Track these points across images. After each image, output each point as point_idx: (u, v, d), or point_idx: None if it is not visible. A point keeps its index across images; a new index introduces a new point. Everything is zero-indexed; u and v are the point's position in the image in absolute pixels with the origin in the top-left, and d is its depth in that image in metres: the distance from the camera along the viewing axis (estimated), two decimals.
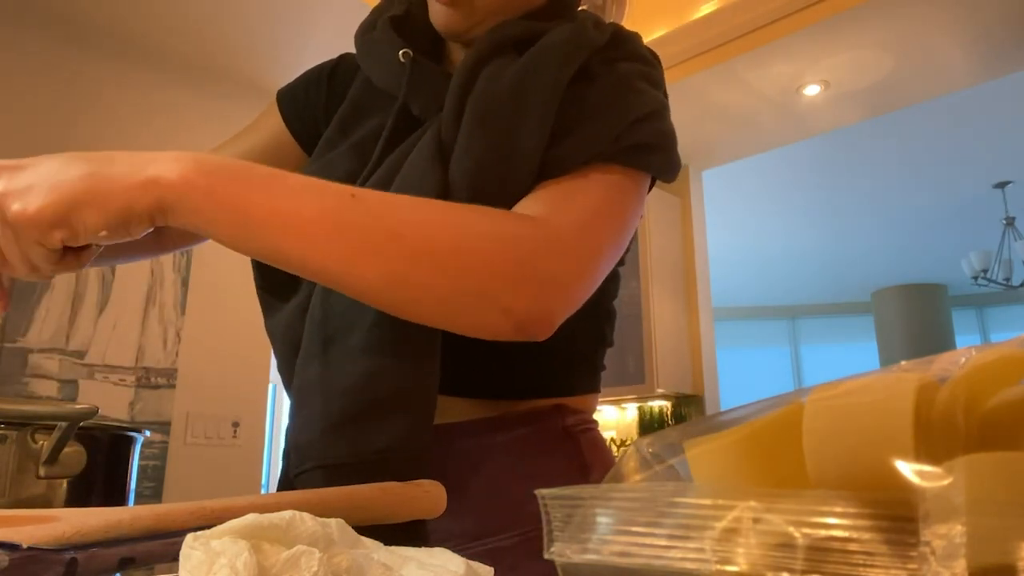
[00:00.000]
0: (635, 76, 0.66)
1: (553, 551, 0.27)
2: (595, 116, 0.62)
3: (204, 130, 2.92)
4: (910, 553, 0.18)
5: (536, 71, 0.62)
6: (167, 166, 0.48)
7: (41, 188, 0.47)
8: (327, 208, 0.50)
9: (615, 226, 0.60)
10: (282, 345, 0.67)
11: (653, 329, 3.47)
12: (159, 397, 2.62)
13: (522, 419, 0.67)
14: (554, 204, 0.58)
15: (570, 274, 0.56)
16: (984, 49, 2.78)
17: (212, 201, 0.48)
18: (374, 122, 0.71)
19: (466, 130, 0.61)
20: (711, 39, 2.90)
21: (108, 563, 0.33)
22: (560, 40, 0.64)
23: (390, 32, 0.71)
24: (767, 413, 0.26)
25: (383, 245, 0.50)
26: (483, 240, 0.52)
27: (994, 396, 0.22)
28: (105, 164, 0.48)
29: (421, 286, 0.51)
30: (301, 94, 0.82)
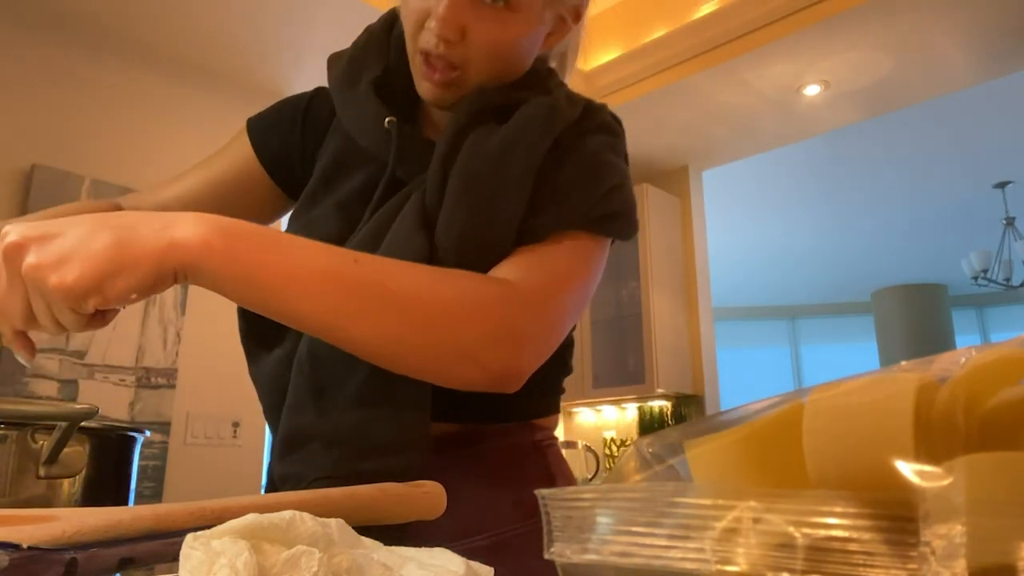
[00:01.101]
0: (604, 149, 0.73)
1: (553, 551, 0.27)
2: (569, 191, 0.69)
3: (203, 129, 2.92)
4: (910, 553, 0.18)
5: (515, 146, 0.68)
6: (188, 230, 0.52)
7: (74, 260, 0.50)
8: (333, 272, 0.56)
9: (580, 288, 0.69)
10: (267, 394, 0.73)
11: (653, 329, 3.47)
12: (159, 397, 2.62)
13: (497, 434, 0.73)
14: (529, 270, 0.65)
15: (539, 335, 0.63)
16: (984, 49, 2.78)
17: (230, 264, 0.53)
18: (357, 178, 0.76)
19: (450, 200, 0.67)
20: (711, 39, 2.90)
21: (108, 563, 0.33)
22: (537, 115, 0.70)
23: (373, 97, 0.76)
24: (767, 413, 0.26)
25: (380, 308, 0.56)
26: (466, 305, 0.59)
27: (994, 396, 0.22)
28: (130, 230, 0.51)
29: (411, 345, 0.58)
30: (273, 127, 0.85)
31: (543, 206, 0.68)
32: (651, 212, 3.61)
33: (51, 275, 0.49)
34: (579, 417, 4.05)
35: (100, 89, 2.70)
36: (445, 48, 0.68)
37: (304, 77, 3.01)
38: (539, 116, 0.70)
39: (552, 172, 0.69)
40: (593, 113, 0.76)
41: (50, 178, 2.50)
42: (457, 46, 0.68)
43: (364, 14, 2.59)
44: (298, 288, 0.54)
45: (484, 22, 0.68)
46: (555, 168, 0.70)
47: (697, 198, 3.84)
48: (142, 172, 2.74)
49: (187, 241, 0.51)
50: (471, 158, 0.68)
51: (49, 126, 2.56)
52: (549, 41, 0.77)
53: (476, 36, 0.68)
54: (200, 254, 0.52)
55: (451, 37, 0.67)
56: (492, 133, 0.69)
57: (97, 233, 0.51)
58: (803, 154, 4.37)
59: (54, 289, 0.49)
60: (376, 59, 0.79)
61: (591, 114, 0.76)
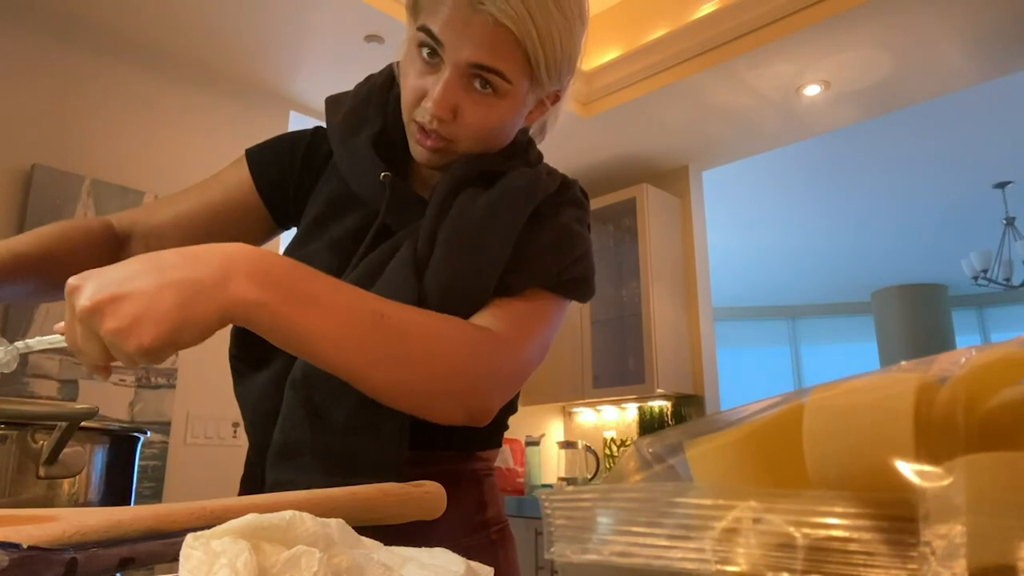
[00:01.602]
0: (574, 220, 0.84)
1: (553, 551, 0.27)
2: (543, 254, 0.79)
3: (203, 129, 2.92)
4: (910, 553, 0.18)
5: (500, 211, 0.78)
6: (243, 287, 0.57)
7: (147, 322, 0.54)
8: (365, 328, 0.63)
9: (544, 341, 0.79)
10: (253, 413, 0.79)
11: (653, 329, 3.47)
12: (159, 397, 2.62)
13: (441, 459, 0.80)
14: (506, 320, 0.75)
15: (511, 381, 0.75)
16: (984, 49, 2.78)
17: (277, 323, 0.59)
18: (349, 221, 0.84)
19: (438, 254, 0.76)
20: (711, 39, 2.90)
21: (108, 563, 0.33)
22: (521, 186, 0.80)
23: (371, 152, 0.83)
24: (767, 413, 0.26)
25: (397, 360, 0.65)
26: (464, 356, 0.69)
27: (994, 396, 0.22)
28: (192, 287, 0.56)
29: (414, 389, 0.67)
30: (273, 159, 0.91)
31: (520, 265, 0.78)
32: (651, 212, 3.61)
33: (130, 340, 0.54)
34: (579, 417, 4.05)
35: (100, 89, 2.70)
36: (438, 125, 0.76)
37: (303, 77, 3.01)
38: (522, 186, 0.80)
39: (530, 236, 0.79)
40: (567, 188, 0.87)
41: (50, 178, 2.50)
42: (449, 124, 0.76)
43: (364, 15, 2.59)
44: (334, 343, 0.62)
45: (475, 106, 0.76)
46: (533, 233, 0.79)
47: (697, 198, 3.84)
48: (142, 172, 2.74)
49: (244, 300, 0.57)
50: (459, 218, 0.77)
51: (49, 126, 2.56)
52: (530, 118, 0.86)
53: (467, 117, 0.76)
54: (255, 313, 0.58)
55: (444, 117, 0.75)
56: (479, 197, 0.78)
57: (164, 292, 0.55)
58: (803, 154, 4.37)
59: (135, 351, 0.54)
60: (376, 115, 0.86)
61: (565, 188, 0.87)
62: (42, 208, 2.47)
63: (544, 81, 0.78)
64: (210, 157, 2.86)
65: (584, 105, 3.30)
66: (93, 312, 0.54)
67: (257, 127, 3.01)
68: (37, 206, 2.46)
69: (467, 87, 0.75)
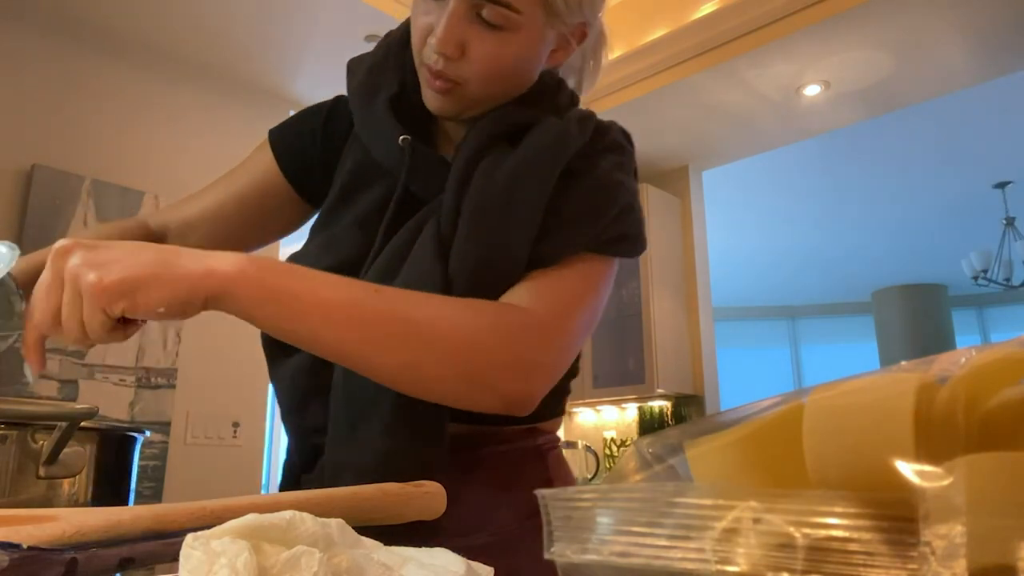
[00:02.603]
0: (613, 169, 0.75)
1: (553, 551, 0.27)
2: (579, 216, 0.71)
3: (204, 129, 2.92)
4: (910, 553, 0.18)
5: (525, 178, 0.70)
6: (225, 260, 0.56)
7: (116, 265, 0.53)
8: (356, 302, 0.59)
9: (590, 312, 0.71)
10: (285, 395, 0.75)
11: (653, 329, 3.47)
12: (159, 397, 2.62)
13: (500, 438, 0.75)
14: (541, 297, 0.68)
15: (552, 363, 0.67)
16: (984, 49, 2.78)
17: (260, 292, 0.57)
18: (375, 192, 0.78)
19: (462, 233, 0.69)
20: (711, 39, 2.90)
21: (108, 563, 0.33)
22: (548, 143, 0.72)
23: (389, 114, 0.77)
24: (767, 413, 0.26)
25: (402, 338, 0.60)
26: (484, 335, 0.62)
27: (994, 396, 0.22)
28: (173, 254, 0.56)
29: (430, 373, 0.62)
30: (295, 138, 0.86)
31: (554, 232, 0.70)
32: (651, 212, 3.60)
33: (90, 273, 0.53)
34: (579, 417, 4.05)
35: (100, 89, 2.70)
36: (445, 64, 0.70)
37: (304, 77, 3.01)
38: (548, 144, 0.72)
39: (562, 198, 0.71)
40: (603, 133, 0.78)
41: (50, 178, 2.50)
42: (457, 62, 0.70)
43: (365, 14, 2.59)
44: (322, 316, 0.58)
45: (482, 41, 0.70)
46: (565, 193, 0.71)
47: (697, 198, 3.84)
48: (142, 172, 2.74)
49: (223, 269, 0.56)
50: (482, 189, 0.70)
51: (49, 126, 2.56)
52: (555, 57, 0.78)
53: (475, 53, 0.70)
54: (233, 281, 0.55)
55: (450, 54, 0.69)
56: (503, 161, 0.71)
57: (144, 250, 0.55)
58: (803, 154, 4.37)
59: (90, 285, 0.52)
60: (394, 74, 0.80)
61: (601, 134, 0.77)
62: (42, 208, 2.47)
63: (561, 10, 0.71)
64: (210, 157, 2.86)
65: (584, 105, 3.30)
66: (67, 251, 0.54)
67: (257, 127, 3.01)
68: (37, 206, 2.46)
69: (473, 20, 0.69)
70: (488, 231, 0.69)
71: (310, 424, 0.73)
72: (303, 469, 0.75)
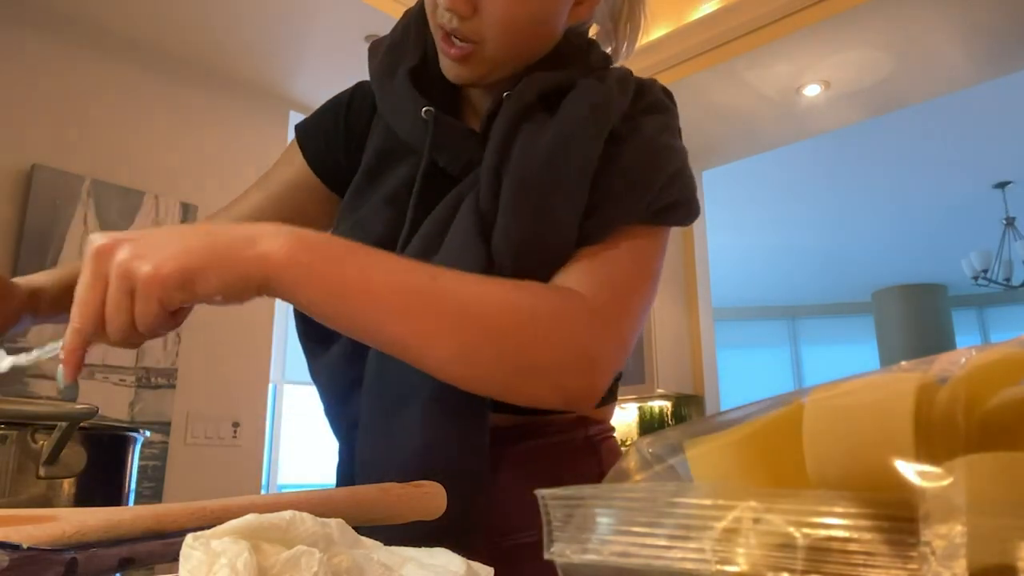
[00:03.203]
0: (660, 131, 0.70)
1: (553, 551, 0.27)
2: (628, 185, 0.66)
3: (204, 129, 2.92)
4: (910, 553, 0.18)
5: (568, 146, 0.65)
6: (276, 242, 0.53)
7: (169, 252, 0.50)
8: (413, 290, 0.55)
9: (648, 292, 0.66)
10: (327, 390, 0.72)
11: (653, 329, 3.47)
12: (159, 397, 2.62)
13: (549, 429, 0.71)
14: (598, 281, 0.63)
15: (615, 356, 0.62)
16: (984, 49, 2.78)
17: (312, 279, 0.53)
18: (402, 171, 0.74)
19: (505, 207, 0.64)
20: (711, 39, 2.90)
21: (108, 563, 0.33)
22: (590, 108, 0.67)
23: (410, 87, 0.73)
24: (767, 413, 0.26)
25: (458, 327, 0.56)
26: (543, 324, 0.58)
27: (994, 396, 0.22)
28: (223, 236, 0.53)
29: (486, 363, 0.57)
30: (321, 133, 0.83)
31: (602, 204, 0.65)
32: None
33: (145, 265, 0.49)
34: None
35: (100, 89, 2.70)
36: (459, 23, 0.66)
37: (304, 77, 3.00)
38: (591, 109, 0.67)
39: (609, 166, 0.66)
40: (644, 92, 0.73)
41: (50, 178, 2.50)
42: (471, 20, 0.66)
43: (364, 14, 2.59)
44: (378, 305, 0.55)
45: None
46: (611, 161, 0.67)
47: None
48: (142, 172, 2.74)
49: (275, 254, 0.52)
50: (523, 161, 0.65)
51: (49, 126, 2.56)
52: (577, 12, 0.72)
53: (489, 10, 0.65)
54: (286, 268, 0.52)
55: (462, 11, 0.65)
56: (543, 130, 0.67)
57: (191, 235, 0.52)
58: (803, 154, 4.37)
59: (147, 277, 0.49)
60: (414, 47, 0.76)
61: (642, 94, 0.73)
62: (42, 208, 2.47)
63: None
64: (210, 157, 2.86)
65: None
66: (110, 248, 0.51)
67: (257, 127, 3.01)
68: (37, 206, 2.46)
69: None
70: (533, 206, 0.64)
71: (353, 417, 0.69)
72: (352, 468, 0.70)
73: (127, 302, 0.50)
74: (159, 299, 0.50)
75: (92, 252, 0.51)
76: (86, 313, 0.51)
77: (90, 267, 0.51)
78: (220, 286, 0.51)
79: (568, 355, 0.59)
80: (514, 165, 0.66)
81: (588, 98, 0.68)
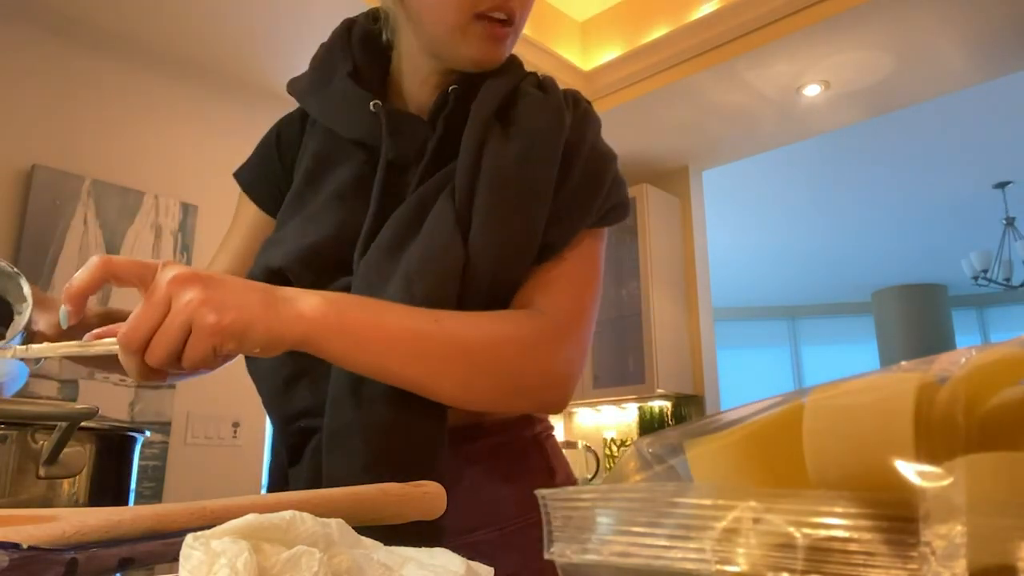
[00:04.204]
0: (598, 138, 0.78)
1: (553, 551, 0.27)
2: (583, 194, 0.74)
3: (203, 129, 2.92)
4: (910, 553, 0.18)
5: (536, 155, 0.72)
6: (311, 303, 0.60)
7: (232, 306, 0.55)
8: (422, 336, 0.63)
9: (596, 290, 0.75)
10: (267, 381, 0.75)
11: (653, 329, 3.47)
12: (159, 397, 2.62)
13: (497, 428, 0.76)
14: (556, 297, 0.71)
15: (578, 363, 0.72)
16: (984, 49, 2.78)
17: (337, 335, 0.60)
18: (345, 170, 0.78)
19: (483, 211, 0.70)
20: (711, 39, 2.90)
21: (108, 563, 0.33)
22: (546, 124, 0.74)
23: (353, 85, 0.78)
24: (767, 413, 0.26)
25: (460, 366, 0.65)
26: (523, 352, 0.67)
27: (994, 396, 0.22)
28: (273, 297, 0.59)
29: (483, 391, 0.67)
30: (261, 175, 0.88)
31: (565, 212, 0.72)
32: (651, 212, 3.60)
33: (211, 313, 0.54)
34: (579, 417, 4.05)
35: (100, 89, 2.70)
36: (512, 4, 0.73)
37: None
38: (547, 124, 0.74)
39: (566, 175, 0.73)
40: (578, 100, 0.80)
41: (50, 178, 2.50)
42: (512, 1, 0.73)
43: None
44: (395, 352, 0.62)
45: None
46: (568, 170, 0.73)
47: (697, 198, 3.84)
48: (142, 172, 2.74)
49: (310, 312, 0.59)
50: (496, 168, 0.71)
51: (49, 126, 2.56)
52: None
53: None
54: (316, 326, 0.59)
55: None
56: (509, 138, 0.73)
57: (252, 291, 0.58)
58: (803, 154, 4.37)
59: (210, 326, 0.54)
60: (342, 61, 0.81)
61: (577, 102, 0.79)
62: (42, 208, 2.47)
63: None
64: (210, 157, 2.86)
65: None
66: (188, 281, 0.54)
67: (257, 126, 3.00)
68: (37, 206, 2.46)
69: None
70: (511, 210, 0.70)
71: (297, 407, 0.73)
72: (290, 462, 0.74)
73: (181, 338, 0.54)
74: (214, 345, 0.55)
75: (171, 280, 0.55)
76: (137, 328, 0.54)
77: (162, 292, 0.54)
78: (263, 341, 0.57)
79: (546, 376, 0.69)
80: (488, 172, 0.71)
81: (544, 110, 0.75)
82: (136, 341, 0.55)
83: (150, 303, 0.54)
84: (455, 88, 0.76)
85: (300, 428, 0.73)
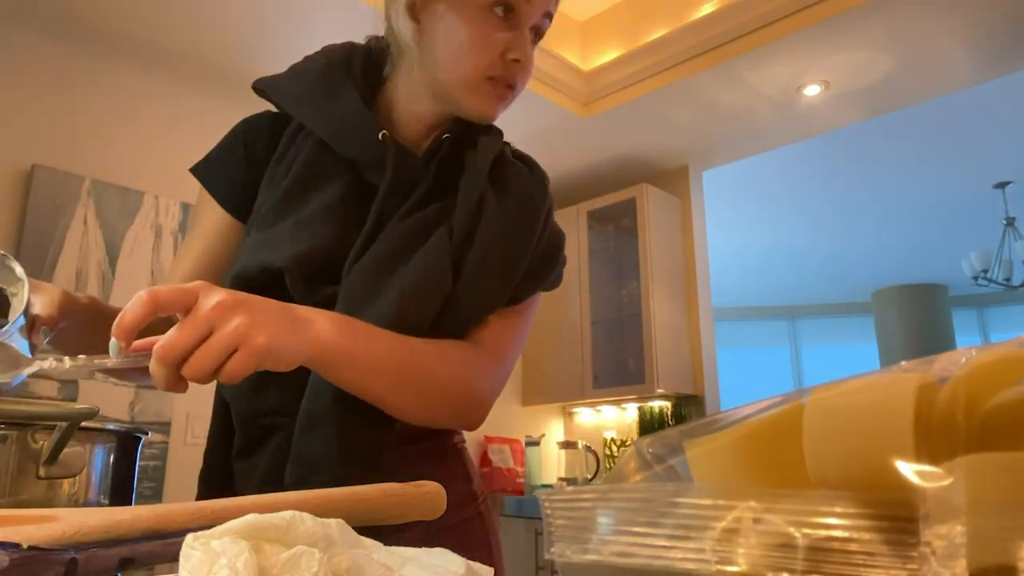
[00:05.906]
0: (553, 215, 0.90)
1: (553, 551, 0.27)
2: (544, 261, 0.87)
3: (203, 129, 2.92)
4: (910, 553, 0.18)
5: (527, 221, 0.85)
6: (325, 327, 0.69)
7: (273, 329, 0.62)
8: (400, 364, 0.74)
9: (525, 336, 0.89)
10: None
11: (653, 329, 3.47)
12: (159, 397, 2.62)
13: (423, 435, 0.85)
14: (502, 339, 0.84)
15: (500, 389, 0.85)
16: (984, 49, 2.78)
17: (338, 357, 0.69)
18: (334, 186, 0.84)
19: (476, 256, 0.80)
20: (711, 39, 2.90)
21: (108, 563, 0.33)
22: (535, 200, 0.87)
23: (363, 109, 0.85)
24: (767, 413, 0.26)
25: (419, 388, 0.76)
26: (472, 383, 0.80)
27: (994, 396, 0.22)
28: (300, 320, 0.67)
29: (435, 409, 0.79)
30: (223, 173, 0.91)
31: (530, 275, 0.85)
32: (651, 212, 3.60)
33: (260, 335, 0.60)
34: (579, 417, 4.05)
35: (100, 89, 2.70)
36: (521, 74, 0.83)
37: None
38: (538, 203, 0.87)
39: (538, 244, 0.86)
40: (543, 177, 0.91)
41: (50, 178, 2.50)
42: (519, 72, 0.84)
43: (363, 14, 2.59)
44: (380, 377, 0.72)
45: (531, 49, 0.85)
46: (539, 239, 0.86)
47: (697, 198, 3.84)
48: (142, 172, 2.74)
49: (324, 334, 0.68)
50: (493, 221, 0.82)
51: (49, 126, 2.56)
52: None
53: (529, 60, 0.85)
54: (325, 348, 0.68)
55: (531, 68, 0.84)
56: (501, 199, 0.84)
57: (285, 314, 0.65)
58: (803, 154, 4.37)
59: (258, 347, 0.60)
60: (346, 81, 0.87)
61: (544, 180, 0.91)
62: (42, 208, 2.47)
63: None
64: None
65: (584, 105, 3.30)
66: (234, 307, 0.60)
67: None
68: (37, 206, 2.46)
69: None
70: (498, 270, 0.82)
71: (264, 406, 0.78)
72: (243, 453, 0.79)
73: (225, 356, 0.59)
74: (257, 363, 0.61)
75: (213, 304, 0.59)
76: (179, 344, 0.58)
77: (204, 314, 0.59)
78: (291, 358, 0.64)
79: (482, 402, 0.81)
80: (487, 224, 0.81)
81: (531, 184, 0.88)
82: (174, 354, 0.58)
83: (193, 323, 0.59)
84: (448, 137, 0.85)
85: (263, 424, 0.78)
